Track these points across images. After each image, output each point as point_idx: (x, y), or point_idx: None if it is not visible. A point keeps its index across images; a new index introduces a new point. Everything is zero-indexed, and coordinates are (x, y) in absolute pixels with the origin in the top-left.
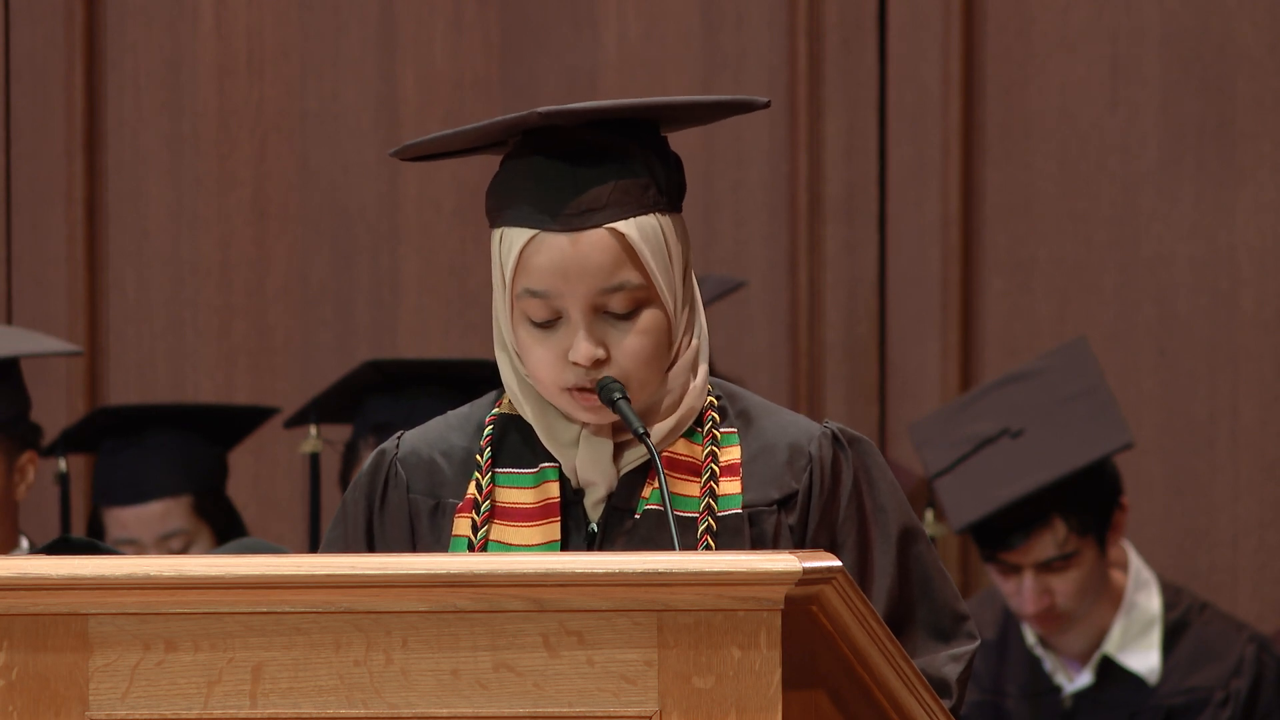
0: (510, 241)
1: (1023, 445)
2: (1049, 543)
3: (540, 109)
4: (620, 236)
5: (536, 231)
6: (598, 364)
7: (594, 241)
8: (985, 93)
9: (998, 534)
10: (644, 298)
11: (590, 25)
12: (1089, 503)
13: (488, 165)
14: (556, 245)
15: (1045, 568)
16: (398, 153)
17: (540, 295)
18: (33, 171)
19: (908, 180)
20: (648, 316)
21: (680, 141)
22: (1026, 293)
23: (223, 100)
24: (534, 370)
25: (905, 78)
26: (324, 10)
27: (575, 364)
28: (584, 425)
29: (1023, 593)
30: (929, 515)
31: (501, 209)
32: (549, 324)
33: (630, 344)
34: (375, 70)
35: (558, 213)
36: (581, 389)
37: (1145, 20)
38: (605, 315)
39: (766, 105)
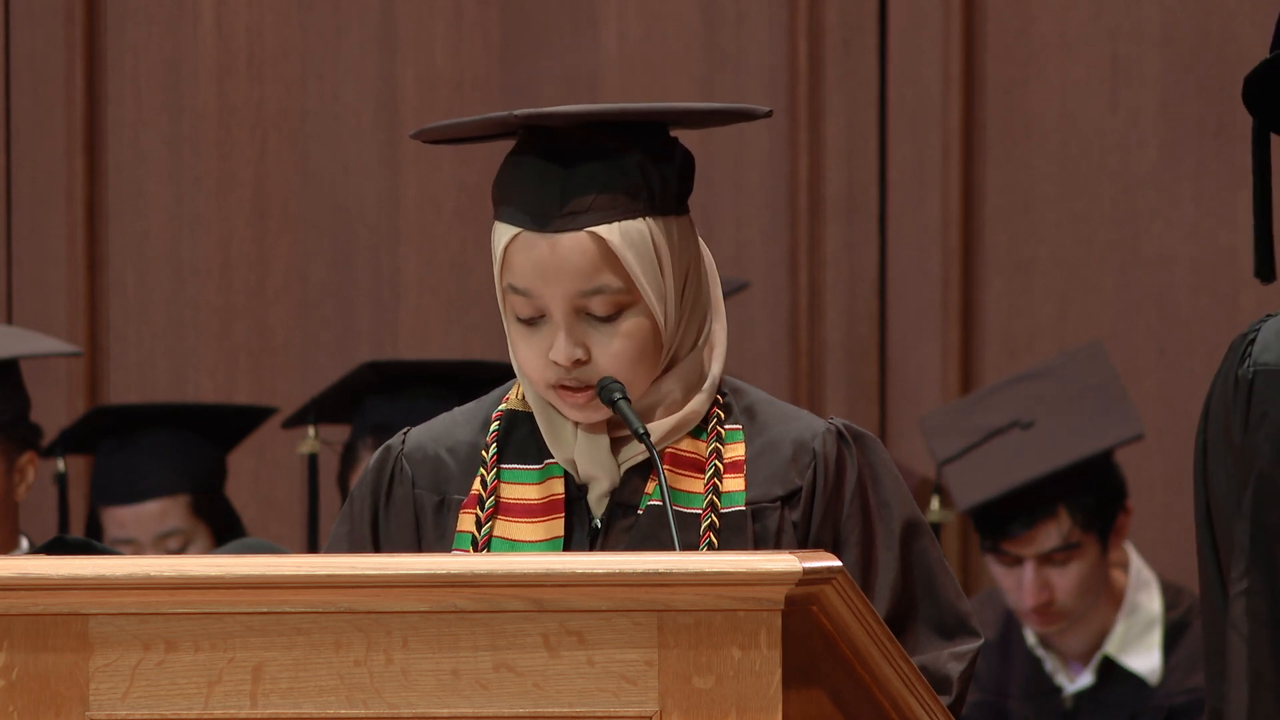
0: (499, 236)
1: (1033, 435)
2: (1053, 533)
3: (518, 111)
4: (601, 240)
5: (520, 230)
6: (578, 364)
7: (573, 244)
8: (985, 93)
9: (1001, 521)
10: (626, 301)
11: (590, 25)
12: (1095, 497)
13: (488, 166)
14: (537, 246)
15: (1046, 560)
16: (418, 135)
17: (522, 293)
18: (33, 171)
19: (908, 180)
20: (631, 320)
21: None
22: (1026, 293)
23: (223, 100)
24: (522, 365)
25: (905, 78)
26: (324, 10)
27: (556, 364)
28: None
29: (1022, 586)
30: (935, 503)
31: (497, 202)
32: (534, 321)
33: (612, 347)
34: (375, 70)
35: (541, 214)
36: (566, 387)
37: (1145, 20)
38: (587, 317)
39: (768, 114)
